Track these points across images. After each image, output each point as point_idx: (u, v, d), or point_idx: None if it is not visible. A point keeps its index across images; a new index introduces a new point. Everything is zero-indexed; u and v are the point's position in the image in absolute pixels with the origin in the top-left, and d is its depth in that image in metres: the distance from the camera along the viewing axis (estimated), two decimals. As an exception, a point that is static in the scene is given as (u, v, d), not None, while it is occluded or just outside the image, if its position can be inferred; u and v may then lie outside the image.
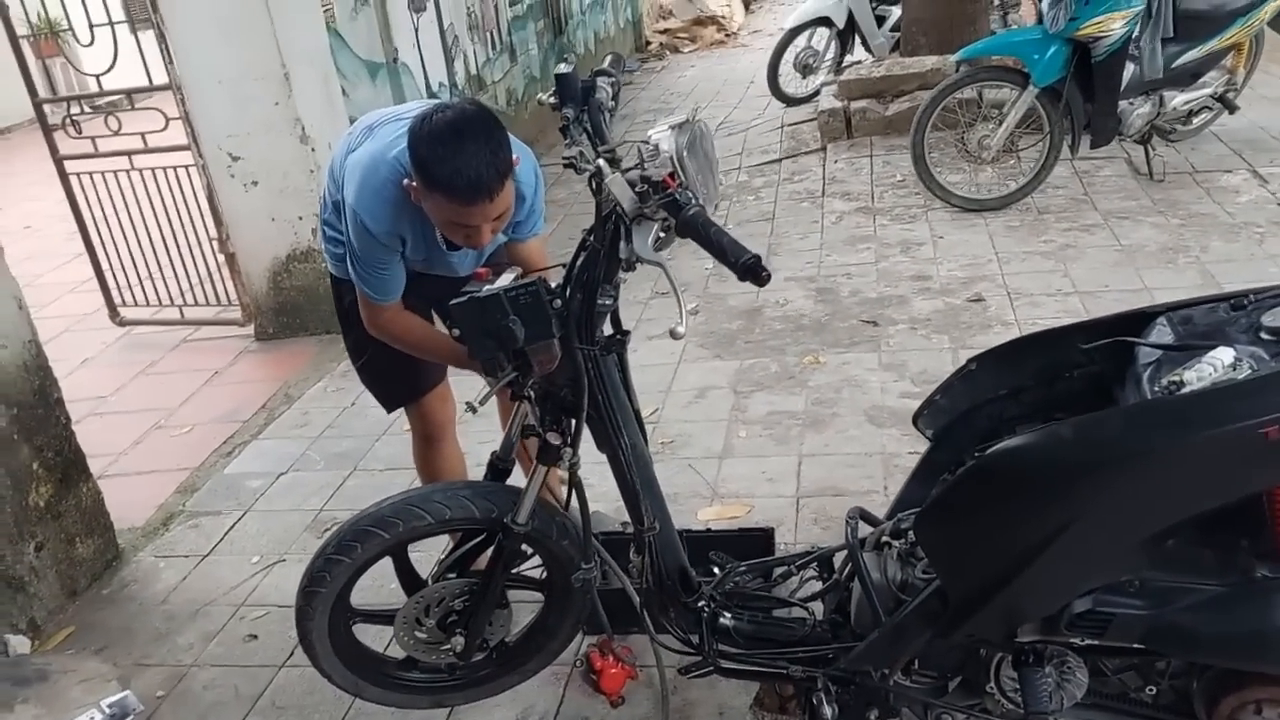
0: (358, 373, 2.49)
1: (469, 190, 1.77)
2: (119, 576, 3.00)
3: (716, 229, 1.54)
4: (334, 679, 2.09)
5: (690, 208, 1.55)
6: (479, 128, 1.77)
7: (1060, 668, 1.65)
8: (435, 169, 1.76)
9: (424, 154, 1.77)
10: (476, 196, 1.78)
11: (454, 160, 1.74)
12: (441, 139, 1.75)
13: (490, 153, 1.76)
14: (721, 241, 1.53)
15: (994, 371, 1.83)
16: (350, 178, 2.02)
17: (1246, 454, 1.38)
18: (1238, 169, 4.90)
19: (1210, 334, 1.57)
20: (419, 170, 1.80)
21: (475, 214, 1.81)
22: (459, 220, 1.84)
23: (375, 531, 1.92)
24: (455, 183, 1.76)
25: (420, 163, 1.79)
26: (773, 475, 3.01)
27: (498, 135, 1.79)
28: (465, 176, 1.75)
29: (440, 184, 1.77)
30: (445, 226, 1.90)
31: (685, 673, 1.94)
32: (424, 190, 1.82)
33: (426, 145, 1.77)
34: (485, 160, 1.75)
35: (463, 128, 1.76)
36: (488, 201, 1.79)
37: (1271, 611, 1.49)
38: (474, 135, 1.76)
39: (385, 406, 2.51)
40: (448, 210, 1.82)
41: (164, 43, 4.14)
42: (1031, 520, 1.49)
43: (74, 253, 5.50)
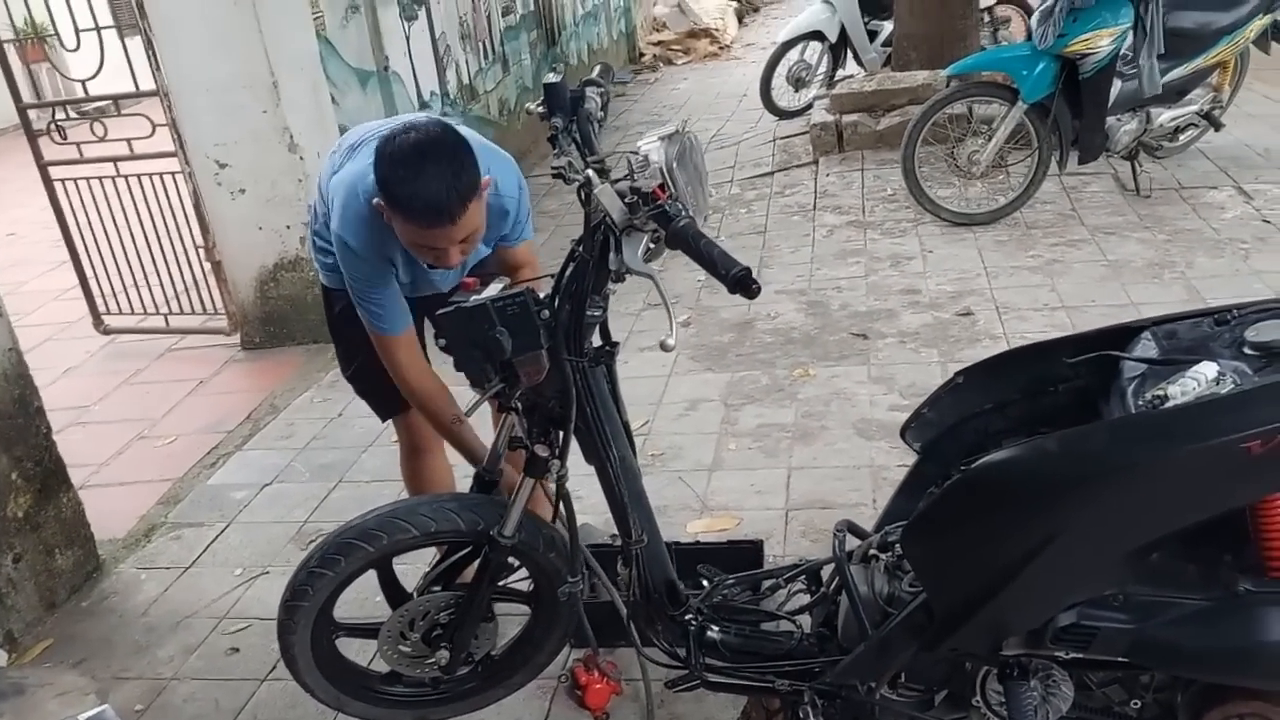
0: (350, 381, 2.48)
1: (428, 213, 1.76)
2: (99, 588, 2.97)
3: (707, 241, 1.54)
4: (316, 693, 2.07)
5: (680, 219, 1.55)
6: (442, 150, 1.76)
7: (1045, 681, 1.65)
8: (395, 190, 1.76)
9: (385, 174, 1.77)
10: (436, 220, 1.77)
11: (414, 183, 1.74)
12: (403, 161, 1.75)
13: (452, 175, 1.75)
14: (711, 254, 1.52)
15: (981, 385, 1.83)
16: (335, 201, 2.01)
17: (1229, 468, 1.38)
18: (1223, 185, 4.93)
19: (1194, 349, 1.58)
20: (383, 190, 1.80)
21: (438, 236, 1.81)
22: (423, 242, 1.84)
23: (359, 544, 1.90)
24: (414, 205, 1.76)
25: (382, 183, 1.78)
26: (762, 488, 3.01)
27: (461, 158, 1.77)
28: (423, 200, 1.75)
29: (400, 206, 1.77)
30: (412, 247, 1.90)
31: (672, 686, 1.93)
32: (389, 211, 1.82)
33: (388, 166, 1.76)
34: (446, 184, 1.74)
35: (426, 149, 1.75)
36: (449, 224, 1.78)
37: (1254, 625, 1.49)
38: (436, 158, 1.75)
39: (380, 415, 2.49)
40: (410, 232, 1.82)
41: (151, 49, 4.13)
42: (1017, 534, 1.49)
43: (58, 260, 5.47)
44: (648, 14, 12.46)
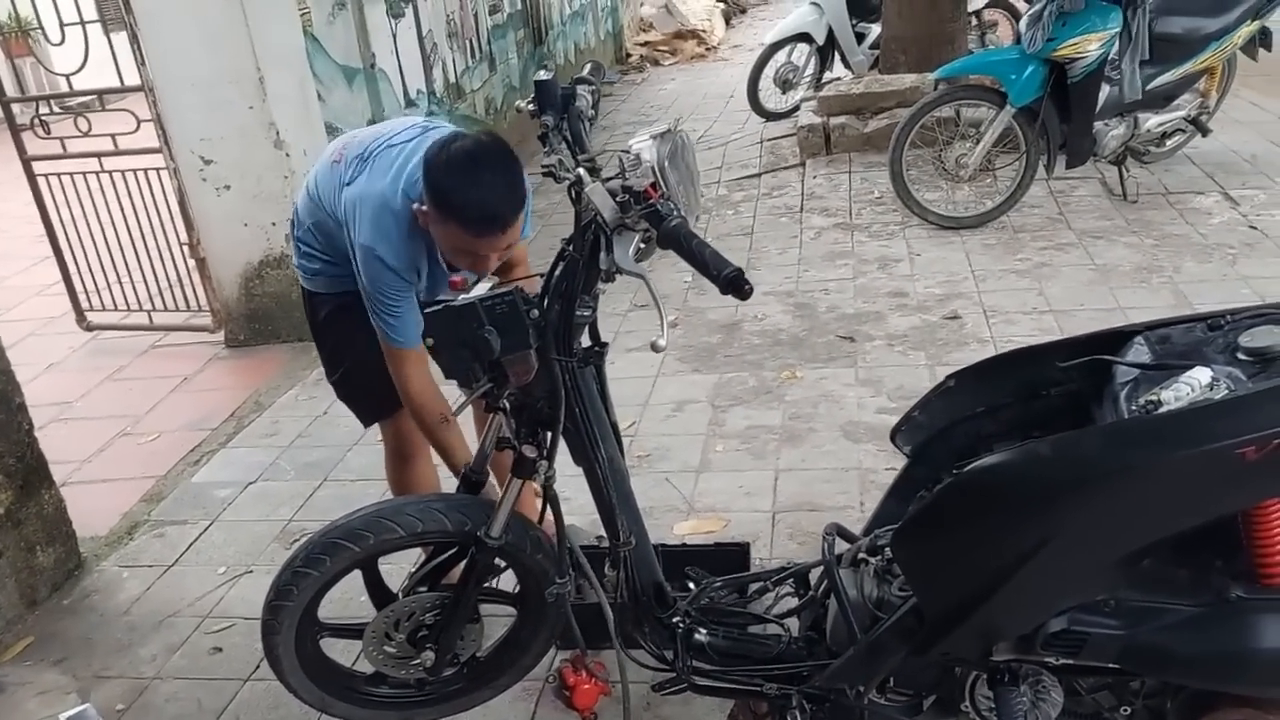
0: (333, 387, 2.45)
1: (484, 222, 1.79)
2: (81, 586, 2.93)
3: (699, 241, 1.52)
4: (300, 694, 2.05)
5: (672, 219, 1.54)
6: (497, 160, 1.80)
7: (1035, 687, 1.64)
8: (452, 198, 1.78)
9: (441, 182, 1.79)
10: (490, 228, 1.80)
11: (472, 191, 1.77)
12: (460, 168, 1.77)
13: (507, 186, 1.79)
14: (703, 254, 1.51)
15: (972, 389, 1.82)
16: (358, 215, 1.99)
17: (1223, 474, 1.38)
18: (1210, 191, 4.96)
19: (1187, 354, 1.57)
20: (435, 197, 1.81)
21: (486, 245, 1.84)
22: (468, 249, 1.86)
23: (345, 544, 1.88)
24: (470, 214, 1.78)
25: (436, 190, 1.80)
26: (749, 490, 3.00)
27: (515, 168, 1.81)
28: (481, 209, 1.78)
29: (455, 214, 1.79)
30: (452, 252, 1.92)
31: (659, 689, 1.91)
32: (436, 217, 1.83)
33: (444, 173, 1.78)
34: (502, 194, 1.79)
35: (480, 158, 1.78)
36: (500, 233, 1.82)
37: (1245, 632, 1.48)
38: (491, 167, 1.79)
39: (363, 421, 2.47)
40: (458, 239, 1.84)
41: (137, 44, 4.09)
42: (1009, 538, 1.48)
43: (41, 255, 5.41)
44: (635, 14, 12.45)
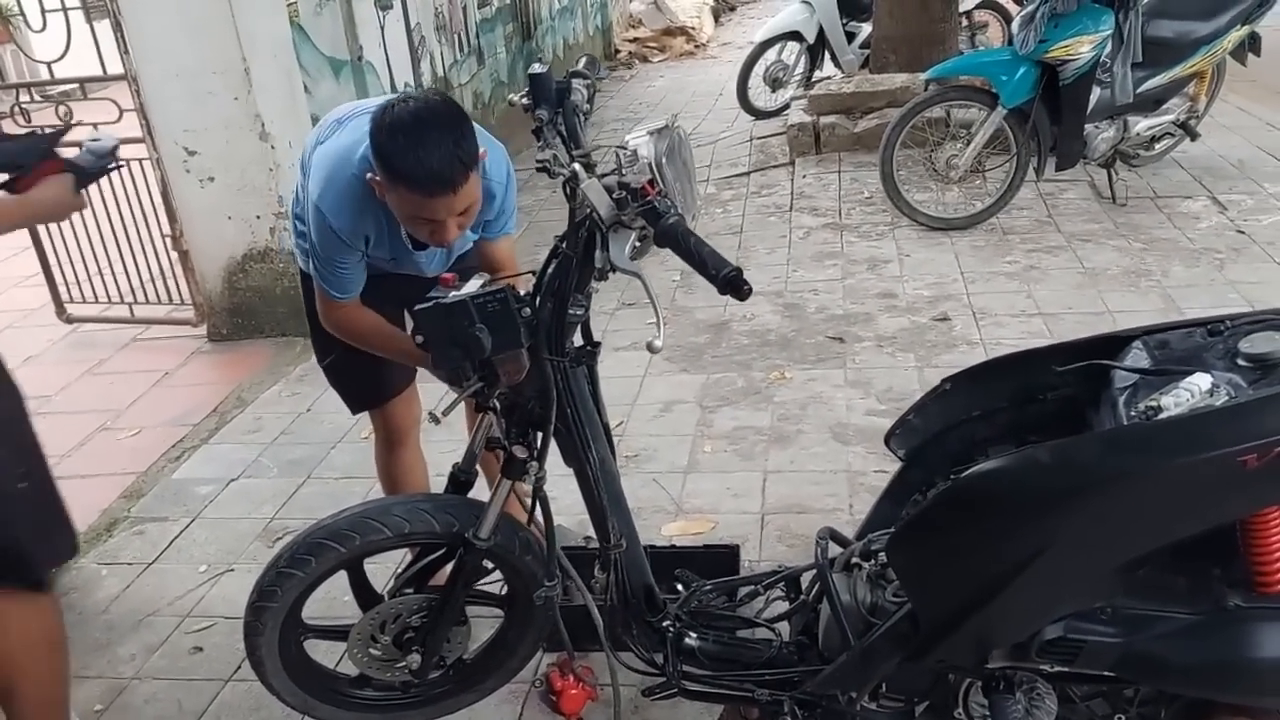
0: (324, 372, 2.42)
1: (430, 181, 1.71)
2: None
3: (696, 239, 1.50)
4: (283, 696, 2.01)
5: (669, 216, 1.51)
6: (442, 117, 1.72)
7: (1030, 694, 1.63)
8: (396, 160, 1.71)
9: (385, 144, 1.71)
10: (439, 188, 1.72)
11: (416, 150, 1.69)
12: (403, 129, 1.69)
13: (453, 143, 1.71)
14: (701, 253, 1.49)
15: (968, 392, 1.81)
16: (316, 172, 1.96)
17: (1224, 482, 1.36)
18: (1198, 195, 4.97)
19: (1187, 359, 1.56)
20: (380, 161, 1.74)
21: (438, 207, 1.75)
22: (422, 214, 1.78)
23: (330, 545, 1.85)
24: (416, 173, 1.70)
25: (381, 153, 1.73)
26: (737, 491, 2.98)
27: (461, 125, 1.74)
28: (427, 167, 1.69)
29: (401, 175, 1.71)
30: (410, 222, 1.84)
31: (649, 694, 1.89)
32: (386, 183, 1.76)
33: (387, 135, 1.71)
34: (448, 150, 1.70)
35: (425, 117, 1.71)
36: (451, 194, 1.73)
37: (1242, 641, 1.47)
38: (437, 125, 1.71)
39: (351, 408, 2.45)
40: (411, 203, 1.76)
41: (120, 32, 4.02)
42: (1006, 544, 1.46)
43: (20, 246, 5.31)
44: (624, 10, 12.41)
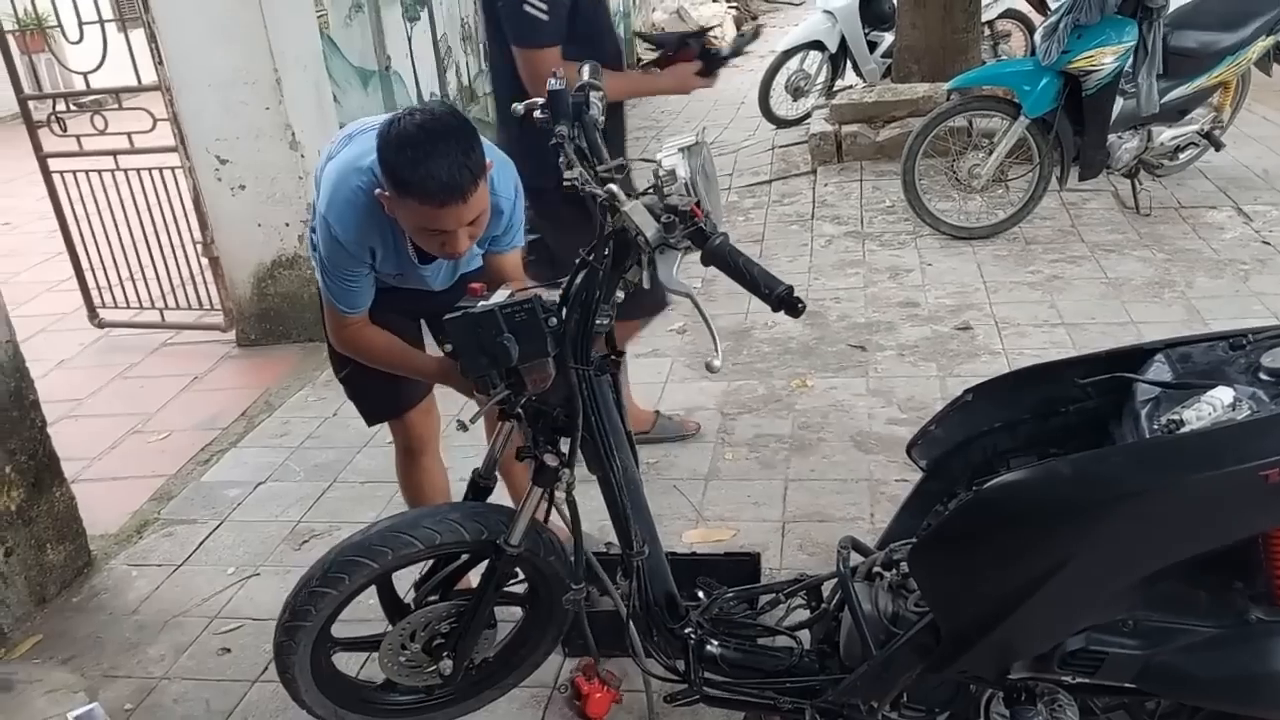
0: (341, 383, 2.44)
1: (440, 192, 1.72)
2: (90, 585, 2.93)
3: (746, 259, 1.52)
4: (315, 711, 2.03)
5: (716, 237, 1.54)
6: (449, 129, 1.74)
7: (1051, 705, 1.63)
8: (404, 172, 1.72)
9: (392, 158, 1.73)
10: (448, 198, 1.73)
11: (425, 163, 1.70)
12: (411, 142, 1.71)
13: (461, 153, 1.72)
14: (752, 272, 1.51)
15: (990, 403, 1.82)
16: (324, 186, 1.97)
17: (1246, 496, 1.37)
18: (1222, 206, 4.95)
19: (1209, 373, 1.57)
20: (388, 175, 1.76)
21: (448, 217, 1.77)
22: (432, 226, 1.79)
23: (363, 561, 1.86)
24: (426, 185, 1.72)
25: (389, 167, 1.74)
26: (758, 499, 2.99)
27: (468, 136, 1.75)
28: (436, 179, 1.71)
29: (411, 187, 1.73)
30: (419, 234, 1.85)
31: (670, 700, 1.90)
32: (395, 197, 1.77)
33: (395, 149, 1.72)
34: (456, 161, 1.72)
35: (432, 129, 1.72)
36: (460, 203, 1.75)
37: (1265, 655, 1.47)
38: (444, 136, 1.72)
39: (367, 420, 2.47)
40: (420, 216, 1.78)
41: (155, 43, 4.09)
42: (1029, 556, 1.48)
43: (54, 251, 5.42)
44: (647, 20, 12.46)
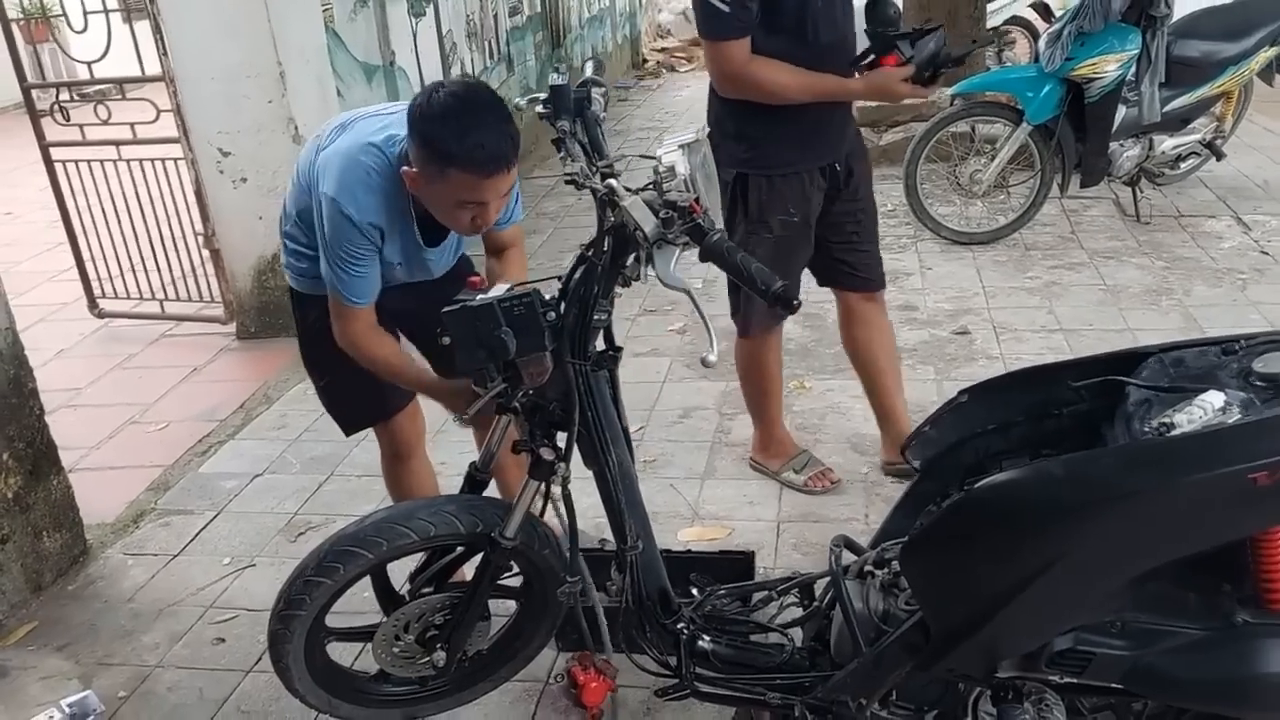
0: (318, 394, 2.41)
1: (489, 161, 1.75)
2: (86, 573, 2.94)
3: (743, 255, 1.54)
4: (307, 699, 2.04)
5: (714, 233, 1.55)
6: (488, 100, 1.79)
7: (1038, 705, 1.64)
8: (451, 144, 1.74)
9: (436, 130, 1.75)
10: (496, 168, 1.77)
11: (474, 133, 1.73)
12: (455, 114, 1.74)
13: (504, 122, 1.77)
14: (749, 268, 1.53)
15: (984, 405, 1.82)
16: (326, 171, 1.95)
17: (1234, 499, 1.38)
18: (1222, 215, 4.96)
19: (1201, 377, 1.57)
20: (430, 149, 1.76)
21: (491, 188, 1.80)
22: (473, 198, 1.81)
23: (358, 552, 1.87)
24: (475, 155, 1.74)
25: (432, 140, 1.75)
26: (754, 499, 3.00)
27: (503, 107, 1.80)
28: (486, 148, 1.74)
29: (457, 159, 1.75)
30: (454, 209, 1.86)
31: (662, 695, 1.92)
32: (435, 171, 1.78)
33: (438, 123, 1.74)
34: (501, 130, 1.76)
35: (471, 100, 1.76)
36: (505, 172, 1.79)
37: (1250, 657, 1.48)
38: (484, 107, 1.77)
39: (345, 429, 2.44)
40: (463, 188, 1.79)
41: (159, 34, 4.11)
42: (1017, 556, 1.49)
43: (55, 241, 5.44)
44: (652, 20, 12.48)
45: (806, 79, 2.48)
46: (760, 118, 2.57)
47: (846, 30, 2.58)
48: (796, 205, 2.66)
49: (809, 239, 2.76)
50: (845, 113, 2.70)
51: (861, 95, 2.60)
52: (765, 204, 2.65)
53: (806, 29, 2.46)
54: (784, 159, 2.62)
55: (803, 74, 2.47)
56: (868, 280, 2.91)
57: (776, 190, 2.63)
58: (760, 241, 2.66)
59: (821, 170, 2.67)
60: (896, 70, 2.47)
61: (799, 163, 2.63)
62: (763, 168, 2.63)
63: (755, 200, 2.65)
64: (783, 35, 2.45)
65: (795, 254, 2.76)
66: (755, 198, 2.65)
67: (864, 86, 2.55)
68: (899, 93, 2.52)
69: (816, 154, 2.65)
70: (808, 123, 2.58)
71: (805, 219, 2.70)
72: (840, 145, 2.70)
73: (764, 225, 2.67)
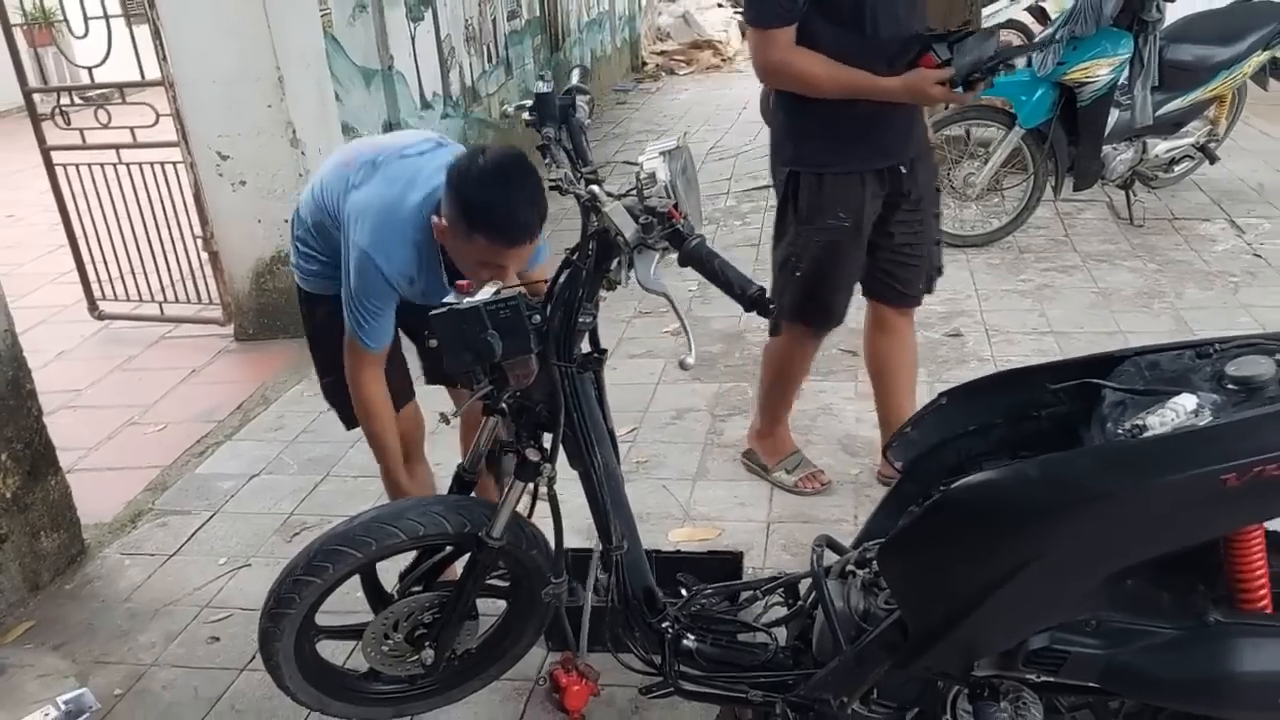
0: (322, 389, 2.49)
1: (517, 234, 1.86)
2: (83, 572, 2.97)
3: (721, 260, 1.57)
4: (298, 697, 2.07)
5: (693, 239, 1.58)
6: (524, 172, 1.87)
7: (1015, 703, 1.67)
8: (484, 213, 1.84)
9: (475, 196, 1.84)
10: (522, 238, 1.87)
11: (506, 205, 1.83)
12: (494, 182, 1.84)
13: (536, 196, 1.86)
14: (727, 274, 1.55)
15: (965, 407, 1.85)
16: (360, 220, 2.04)
17: (1205, 500, 1.40)
18: (1216, 218, 4.99)
19: (1175, 380, 1.60)
20: (464, 211, 1.86)
21: (513, 256, 1.90)
22: (494, 260, 1.90)
23: (347, 551, 1.91)
24: (506, 226, 1.85)
25: (470, 204, 1.85)
26: (744, 500, 3.03)
27: (539, 181, 1.87)
28: (516, 221, 1.85)
29: (488, 227, 1.85)
30: (475, 266, 1.93)
31: (646, 692, 1.94)
32: (462, 230, 1.87)
33: (478, 188, 1.84)
34: (532, 205, 1.86)
35: (510, 172, 1.85)
36: (529, 243, 1.90)
37: (1223, 656, 1.50)
38: (521, 179, 1.85)
39: (346, 424, 2.50)
40: (487, 252, 1.88)
41: (159, 39, 4.14)
42: (993, 556, 1.51)
43: (56, 244, 5.47)
44: (652, 23, 12.52)
45: (839, 73, 2.37)
46: (811, 112, 2.47)
47: (911, 26, 2.44)
48: (847, 209, 2.54)
49: (861, 245, 2.62)
50: (910, 112, 2.54)
51: (895, 95, 2.39)
52: (815, 205, 2.54)
53: (864, 20, 2.36)
54: (836, 158, 2.51)
55: (837, 68, 2.37)
56: (904, 295, 2.79)
57: (827, 191, 2.53)
58: (808, 245, 2.58)
59: (879, 173, 2.54)
60: (932, 72, 2.33)
61: (852, 163, 2.51)
62: (813, 166, 2.53)
63: (805, 200, 2.56)
64: (840, 26, 2.36)
65: (845, 261, 2.63)
66: (805, 198, 2.56)
67: (899, 86, 2.37)
68: (933, 95, 2.37)
69: (873, 154, 2.51)
70: (862, 119, 2.47)
71: (857, 225, 2.57)
72: (903, 147, 2.55)
73: (812, 228, 2.57)
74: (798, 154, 2.55)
